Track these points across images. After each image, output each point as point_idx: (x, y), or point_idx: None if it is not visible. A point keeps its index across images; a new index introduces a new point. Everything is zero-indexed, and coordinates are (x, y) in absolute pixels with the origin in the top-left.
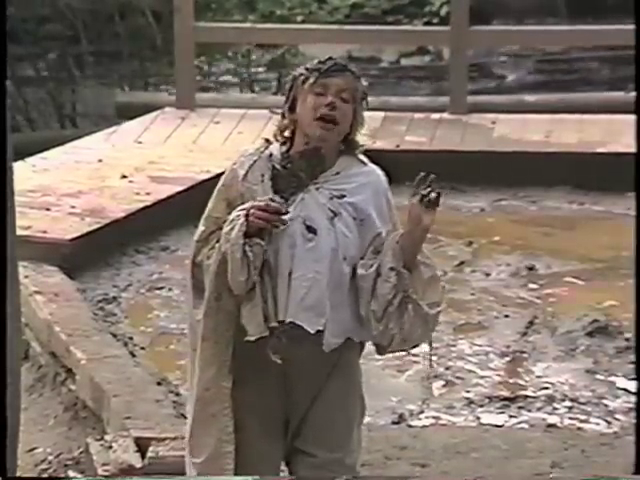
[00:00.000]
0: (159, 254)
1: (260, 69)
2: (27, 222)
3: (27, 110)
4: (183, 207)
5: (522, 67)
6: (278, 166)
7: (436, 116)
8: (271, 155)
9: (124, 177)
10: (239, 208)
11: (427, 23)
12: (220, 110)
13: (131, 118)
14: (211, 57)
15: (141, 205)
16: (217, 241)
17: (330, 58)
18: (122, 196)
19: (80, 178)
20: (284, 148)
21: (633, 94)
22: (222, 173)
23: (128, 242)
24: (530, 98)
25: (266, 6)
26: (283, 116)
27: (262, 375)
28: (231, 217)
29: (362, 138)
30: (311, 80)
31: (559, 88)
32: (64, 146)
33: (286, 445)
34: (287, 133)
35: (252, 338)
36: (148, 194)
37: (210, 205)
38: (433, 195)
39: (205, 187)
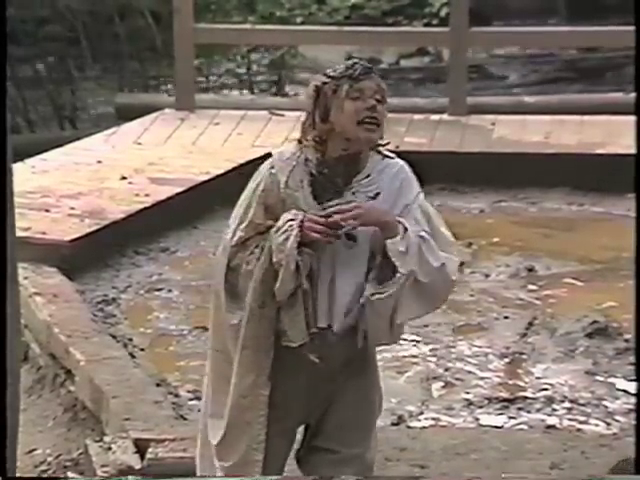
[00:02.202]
0: (158, 255)
1: (260, 70)
2: (26, 223)
3: (26, 111)
4: (183, 208)
5: (522, 68)
6: (315, 172)
7: (436, 117)
8: (307, 159)
9: (123, 178)
10: (288, 217)
11: (427, 24)
12: (220, 111)
13: (131, 119)
14: (211, 58)
15: (140, 206)
16: (256, 246)
17: (355, 63)
18: (121, 197)
19: (79, 179)
20: (319, 153)
21: (633, 95)
22: (222, 175)
23: (127, 243)
24: (530, 99)
25: (266, 7)
26: (313, 126)
27: (289, 377)
28: (282, 227)
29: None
30: (346, 87)
31: (559, 89)
32: (63, 147)
33: (303, 446)
34: (321, 141)
35: (294, 344)
36: (147, 195)
37: (245, 210)
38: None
39: (205, 188)
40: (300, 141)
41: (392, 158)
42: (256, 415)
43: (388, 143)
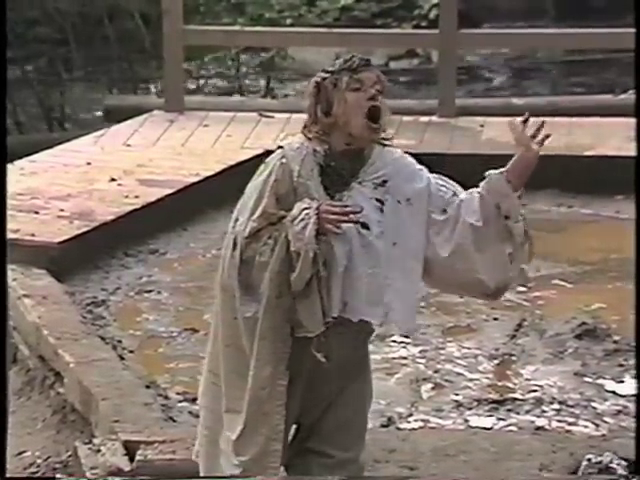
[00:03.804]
0: (148, 257)
1: (249, 72)
2: (15, 225)
3: (15, 113)
4: (172, 210)
5: (510, 70)
6: (323, 163)
7: (425, 119)
8: (315, 151)
9: (113, 180)
10: (303, 206)
11: (416, 26)
12: (209, 113)
13: (120, 121)
14: (200, 60)
15: (130, 208)
16: (269, 237)
17: (353, 55)
18: (111, 199)
19: (69, 181)
20: (325, 145)
21: (622, 97)
22: (211, 176)
23: (117, 245)
24: (518, 101)
25: (255, 9)
26: (316, 122)
27: (297, 371)
28: (298, 216)
29: None
30: (346, 78)
31: (547, 91)
32: (52, 149)
33: (293, 447)
34: (324, 135)
35: (310, 334)
36: (137, 197)
37: (256, 201)
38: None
39: (194, 190)
40: (305, 133)
41: (390, 145)
42: (275, 405)
43: (392, 137)
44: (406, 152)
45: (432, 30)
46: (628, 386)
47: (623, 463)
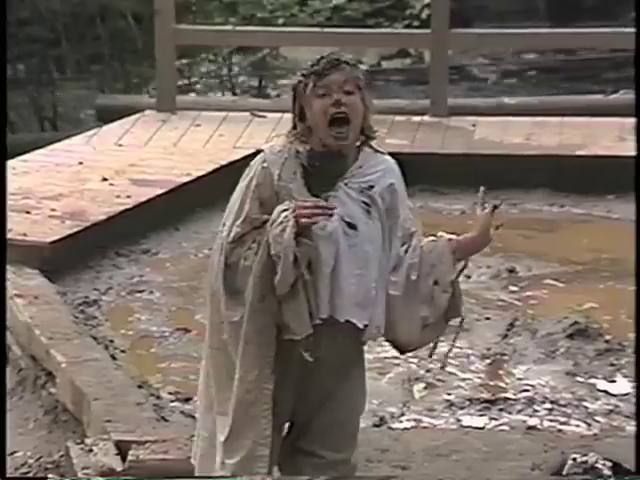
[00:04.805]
0: (140, 257)
1: (241, 72)
2: (7, 225)
3: (7, 112)
4: (164, 210)
5: (502, 70)
6: (306, 164)
7: (417, 119)
8: (298, 152)
9: (105, 180)
10: (282, 209)
11: (408, 26)
12: (201, 113)
13: (112, 121)
14: (192, 60)
15: (122, 208)
16: (253, 241)
17: (322, 57)
18: (103, 199)
19: (60, 181)
20: (308, 146)
21: (613, 97)
22: (203, 176)
23: (109, 245)
24: (510, 101)
25: (247, 9)
26: (294, 126)
27: (286, 372)
28: (277, 219)
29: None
30: (310, 84)
31: (539, 91)
32: (44, 149)
33: (285, 446)
34: (304, 137)
35: (297, 337)
36: (129, 197)
37: (240, 206)
38: (502, 206)
39: (186, 190)
40: (288, 135)
41: (382, 153)
42: (261, 410)
43: (377, 132)
44: (399, 153)
45: (424, 30)
46: (620, 386)
47: (608, 464)
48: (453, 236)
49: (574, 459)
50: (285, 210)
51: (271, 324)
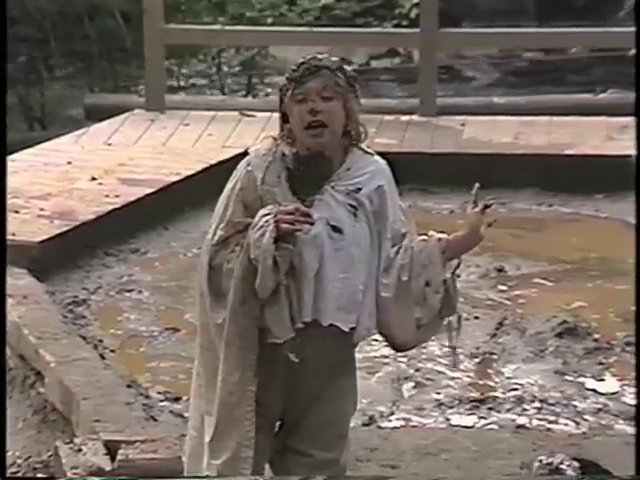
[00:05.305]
0: (129, 256)
1: (230, 71)
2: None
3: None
4: (153, 209)
5: (491, 69)
6: (292, 167)
7: (406, 118)
8: (284, 155)
9: (93, 179)
10: (263, 213)
11: (397, 25)
12: (190, 112)
13: (100, 120)
14: (181, 59)
15: (111, 207)
16: (236, 244)
17: (303, 62)
18: (91, 198)
19: (49, 180)
20: (294, 149)
21: (601, 96)
22: (192, 175)
23: (98, 244)
24: (499, 100)
25: (236, 8)
26: (281, 128)
27: (272, 373)
28: (258, 223)
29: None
30: (290, 91)
31: (528, 90)
32: (33, 148)
33: (275, 444)
34: (289, 139)
35: (279, 340)
36: (117, 196)
37: (224, 209)
38: (493, 206)
39: (175, 189)
40: (275, 137)
41: (372, 155)
42: (244, 412)
43: (365, 133)
44: (387, 152)
45: (413, 29)
46: (608, 384)
47: (575, 464)
48: (443, 235)
49: (540, 460)
50: (267, 214)
51: (253, 327)
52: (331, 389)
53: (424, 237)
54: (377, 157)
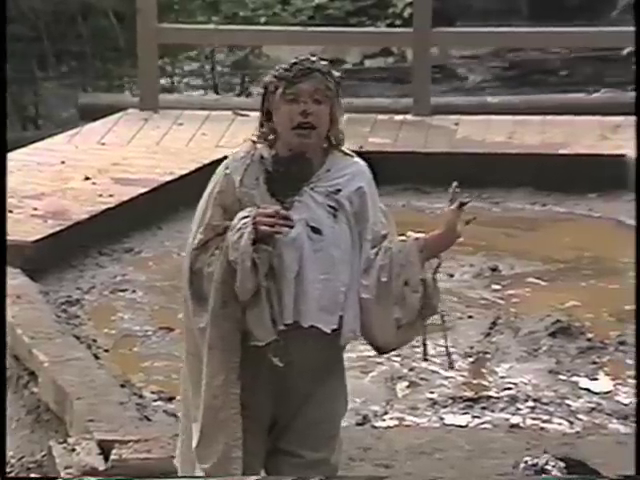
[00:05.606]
0: (122, 256)
1: (224, 70)
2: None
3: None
4: (147, 209)
5: (485, 69)
6: (271, 169)
7: (399, 117)
8: (262, 157)
9: (87, 179)
10: (242, 215)
11: (390, 25)
12: (184, 112)
13: (94, 119)
14: (174, 58)
15: (104, 207)
16: (216, 248)
17: (295, 63)
18: (85, 198)
19: (42, 180)
20: (273, 151)
21: (595, 95)
22: (186, 175)
23: (91, 244)
24: (493, 100)
25: (229, 7)
26: (262, 125)
27: (257, 376)
28: (236, 225)
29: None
30: (280, 90)
31: (522, 90)
32: (26, 148)
33: (268, 447)
34: (270, 137)
35: (261, 343)
36: (111, 196)
37: (204, 213)
38: (468, 203)
39: (169, 189)
40: (254, 140)
41: (352, 156)
42: (229, 414)
43: (343, 135)
44: (381, 151)
45: (406, 29)
46: (602, 384)
47: (560, 464)
48: (420, 235)
49: (525, 462)
50: (245, 217)
51: (234, 330)
52: (319, 391)
53: (403, 238)
54: (357, 159)
